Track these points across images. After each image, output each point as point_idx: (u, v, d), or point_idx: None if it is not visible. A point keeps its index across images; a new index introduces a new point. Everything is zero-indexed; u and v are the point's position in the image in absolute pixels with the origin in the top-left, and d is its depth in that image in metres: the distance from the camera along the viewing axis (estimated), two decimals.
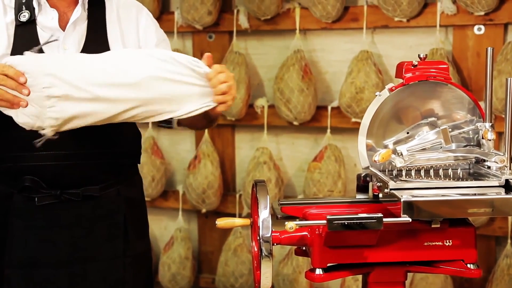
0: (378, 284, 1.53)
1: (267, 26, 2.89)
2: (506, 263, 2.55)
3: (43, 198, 1.66)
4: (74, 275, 1.68)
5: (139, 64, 1.53)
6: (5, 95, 1.49)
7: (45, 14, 1.66)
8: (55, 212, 1.67)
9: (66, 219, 1.68)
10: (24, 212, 1.68)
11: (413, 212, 1.40)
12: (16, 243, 1.68)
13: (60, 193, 1.66)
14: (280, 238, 1.51)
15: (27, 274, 1.68)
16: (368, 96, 2.61)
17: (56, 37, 1.65)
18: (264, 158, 2.87)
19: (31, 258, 1.67)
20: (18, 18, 1.65)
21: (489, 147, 1.57)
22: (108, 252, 1.71)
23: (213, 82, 1.54)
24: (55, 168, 1.64)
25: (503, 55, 2.47)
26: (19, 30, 1.65)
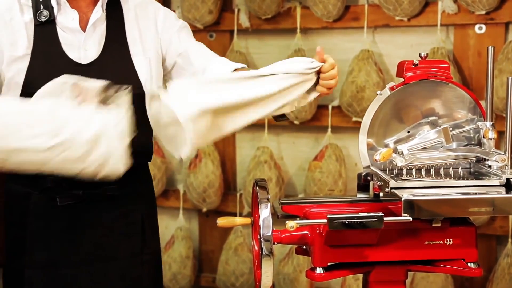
0: (378, 283, 1.53)
1: (268, 25, 2.89)
2: (507, 262, 2.55)
3: (65, 199, 1.66)
4: (95, 274, 1.69)
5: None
6: None
7: (65, 14, 1.65)
8: (76, 213, 1.68)
9: (87, 219, 1.68)
10: (44, 213, 1.68)
11: (413, 211, 1.40)
12: (36, 243, 1.68)
13: (82, 193, 1.66)
14: (281, 237, 1.51)
15: (48, 275, 1.68)
16: (369, 95, 2.61)
17: (77, 38, 1.64)
18: (264, 157, 2.87)
19: (52, 259, 1.67)
20: (37, 17, 1.62)
21: (490, 146, 1.57)
22: (127, 250, 1.72)
23: (326, 75, 1.62)
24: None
25: (504, 54, 2.47)
26: (38, 30, 1.63)
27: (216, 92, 1.51)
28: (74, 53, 1.63)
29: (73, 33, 1.64)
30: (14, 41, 1.61)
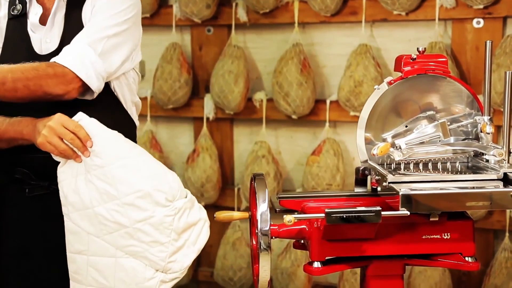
0: (376, 277, 1.53)
1: (265, 19, 2.88)
2: (504, 256, 2.55)
3: (33, 190, 1.69)
4: (66, 266, 1.68)
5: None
6: (67, 152, 1.54)
7: (32, 9, 1.70)
8: (45, 203, 1.69)
9: (56, 210, 1.68)
10: (16, 203, 1.71)
11: (411, 205, 1.40)
12: (9, 233, 1.71)
13: (48, 184, 1.68)
14: (279, 231, 1.51)
15: (20, 264, 1.71)
16: (367, 89, 2.61)
17: (39, 31, 1.68)
18: (262, 152, 2.87)
19: (23, 248, 1.70)
20: (11, 11, 1.69)
21: (488, 140, 1.57)
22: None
23: None
24: (45, 160, 1.65)
25: (502, 49, 2.47)
26: (11, 24, 1.69)
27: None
28: (38, 46, 1.69)
29: (35, 28, 1.69)
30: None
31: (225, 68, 2.85)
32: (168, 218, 1.50)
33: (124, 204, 1.50)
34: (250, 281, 2.92)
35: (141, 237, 1.50)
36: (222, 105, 2.90)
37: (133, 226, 1.50)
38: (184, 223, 1.51)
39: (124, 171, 1.51)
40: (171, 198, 1.50)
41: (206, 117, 2.98)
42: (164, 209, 1.50)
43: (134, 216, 1.49)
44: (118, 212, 1.50)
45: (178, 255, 1.53)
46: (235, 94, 2.84)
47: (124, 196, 1.50)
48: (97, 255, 1.53)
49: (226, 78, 2.84)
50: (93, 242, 1.53)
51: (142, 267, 1.51)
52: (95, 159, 1.53)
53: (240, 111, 2.92)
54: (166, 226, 1.50)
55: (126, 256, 1.52)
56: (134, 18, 1.72)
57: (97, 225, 1.52)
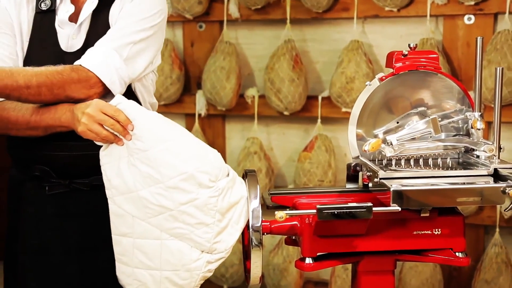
0: (367, 273, 1.54)
1: (257, 15, 2.88)
2: (495, 251, 2.57)
3: (53, 187, 1.69)
4: (84, 263, 1.70)
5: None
6: (109, 137, 1.52)
7: (63, 6, 1.70)
8: (65, 201, 1.70)
9: (75, 208, 1.70)
10: (35, 200, 1.71)
11: (402, 201, 1.40)
12: (28, 230, 1.71)
13: (69, 182, 1.68)
14: (270, 227, 1.51)
15: (38, 261, 1.71)
16: (359, 86, 2.61)
17: (69, 29, 1.68)
18: (254, 148, 2.87)
19: (42, 245, 1.70)
20: (39, 5, 1.69)
21: (478, 136, 1.58)
22: None
23: None
24: (65, 158, 1.66)
25: (492, 45, 2.48)
26: (38, 18, 1.69)
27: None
28: (64, 43, 1.69)
29: (64, 24, 1.69)
30: (20, 28, 1.68)
31: (217, 64, 2.85)
32: (213, 199, 1.48)
33: (168, 188, 1.48)
34: (242, 278, 2.92)
35: (186, 219, 1.48)
36: (214, 101, 2.89)
37: (177, 208, 1.48)
38: (228, 203, 1.49)
39: (166, 154, 1.48)
40: (214, 178, 1.48)
41: (198, 113, 2.98)
42: (208, 190, 1.48)
43: (179, 199, 1.48)
44: (162, 195, 1.48)
45: (223, 235, 1.52)
46: (227, 90, 2.84)
47: (168, 180, 1.48)
48: (142, 237, 1.51)
49: (218, 74, 2.84)
50: (138, 225, 1.51)
51: (188, 249, 1.50)
52: (137, 142, 1.50)
53: (232, 108, 2.92)
54: (210, 207, 1.48)
55: (172, 238, 1.50)
56: (161, 24, 1.72)
57: (141, 208, 1.50)
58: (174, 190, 1.48)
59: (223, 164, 1.54)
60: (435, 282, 2.64)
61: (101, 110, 1.50)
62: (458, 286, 2.76)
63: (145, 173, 1.49)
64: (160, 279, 1.51)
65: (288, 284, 2.81)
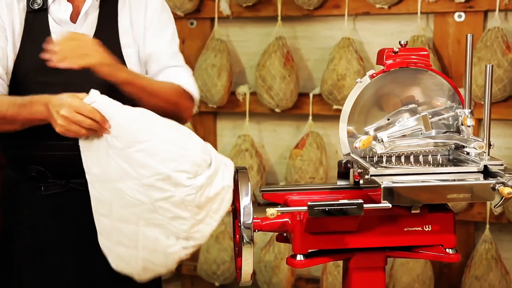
0: (358, 269, 1.54)
1: (248, 13, 2.87)
2: (485, 248, 2.58)
3: (49, 188, 1.68)
4: (81, 263, 1.70)
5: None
6: (89, 133, 1.51)
7: (58, 5, 1.68)
8: (62, 201, 1.69)
9: (72, 208, 1.69)
10: (31, 200, 1.70)
11: (393, 198, 1.41)
12: (24, 230, 1.70)
13: (65, 182, 1.68)
14: (262, 224, 1.51)
15: (36, 261, 1.70)
16: (350, 83, 2.61)
17: (67, 29, 1.67)
18: (246, 145, 2.87)
19: (39, 246, 1.69)
20: (30, 4, 1.67)
21: (468, 133, 1.58)
22: None
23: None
24: (60, 158, 1.65)
25: (483, 42, 2.49)
26: (30, 17, 1.67)
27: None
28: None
29: (64, 24, 1.68)
30: (12, 27, 1.66)
31: (208, 61, 2.84)
32: (190, 197, 1.48)
33: (144, 185, 1.48)
34: (233, 275, 2.92)
35: (163, 213, 1.48)
36: (205, 98, 2.89)
37: (154, 204, 1.48)
38: (206, 197, 1.49)
39: (143, 155, 1.48)
40: (193, 176, 1.48)
41: None
42: (185, 189, 1.47)
43: (155, 196, 1.48)
44: (138, 191, 1.48)
45: (200, 226, 1.51)
46: (218, 87, 2.84)
47: (144, 178, 1.47)
48: (120, 221, 1.51)
49: (209, 72, 2.83)
50: (116, 211, 1.51)
51: (164, 236, 1.50)
52: (114, 140, 1.49)
53: (223, 105, 2.91)
54: (187, 204, 1.48)
55: (149, 225, 1.50)
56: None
57: (118, 198, 1.50)
58: (150, 188, 1.47)
59: (205, 157, 1.52)
60: (426, 278, 2.65)
61: (76, 111, 1.48)
62: (448, 282, 2.77)
63: (123, 168, 1.48)
64: (137, 258, 1.52)
65: (279, 281, 2.81)
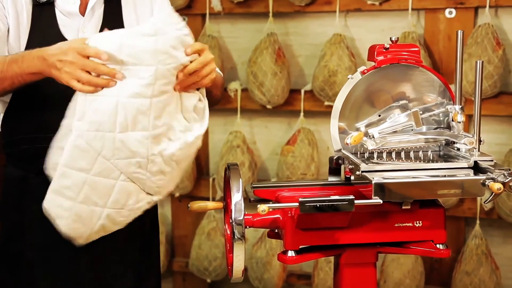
0: (349, 265, 1.54)
1: (240, 9, 2.87)
2: (475, 243, 2.60)
3: None
4: (94, 256, 1.69)
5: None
6: (101, 83, 1.43)
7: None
8: None
9: None
10: (43, 195, 1.63)
11: (384, 194, 1.41)
12: (35, 226, 1.68)
13: None
14: (253, 221, 1.51)
15: (48, 257, 1.68)
16: (341, 79, 2.61)
17: (76, 21, 1.65)
18: (237, 141, 2.86)
19: (52, 240, 1.66)
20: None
21: (459, 129, 1.59)
22: (125, 232, 1.69)
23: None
24: None
25: (473, 39, 2.50)
26: (37, 10, 1.64)
27: None
28: (71, 36, 1.64)
29: (72, 17, 1.66)
30: (17, 20, 1.62)
31: None
32: (179, 152, 1.51)
33: (152, 136, 1.47)
34: (225, 271, 2.92)
35: (150, 167, 1.49)
36: None
37: (148, 157, 1.49)
38: (185, 155, 1.54)
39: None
40: (186, 129, 1.53)
41: None
42: (177, 143, 1.51)
43: (155, 149, 1.48)
44: (142, 143, 1.47)
45: (170, 183, 1.56)
46: None
47: (157, 128, 1.48)
48: (99, 175, 1.49)
49: None
50: (100, 163, 1.48)
51: (137, 191, 1.52)
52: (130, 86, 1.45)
53: None
54: (174, 159, 1.51)
55: (128, 180, 1.50)
56: None
57: (111, 149, 1.47)
58: (156, 139, 1.48)
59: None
60: (417, 274, 2.67)
61: (80, 54, 1.42)
62: (439, 277, 2.79)
63: (135, 117, 1.45)
64: (101, 215, 1.52)
65: (271, 277, 2.82)
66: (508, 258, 2.69)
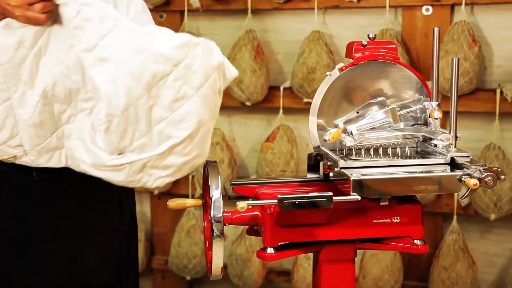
0: (328, 261, 1.55)
1: (218, 5, 2.86)
2: (452, 238, 2.63)
3: (41, 172, 1.62)
4: (72, 249, 1.67)
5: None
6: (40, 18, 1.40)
7: None
8: (53, 187, 1.65)
9: (64, 194, 1.66)
10: (20, 188, 1.64)
11: (362, 190, 1.42)
12: (10, 220, 1.65)
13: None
14: (232, 218, 1.51)
15: (23, 251, 1.66)
16: (320, 76, 2.62)
17: None
18: (216, 139, 2.86)
19: (28, 234, 1.65)
20: None
21: (436, 125, 1.60)
22: (105, 226, 1.71)
23: None
24: None
25: (449, 36, 2.52)
26: None
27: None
28: None
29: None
30: None
31: None
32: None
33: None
34: (205, 269, 2.92)
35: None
36: None
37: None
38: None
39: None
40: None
41: None
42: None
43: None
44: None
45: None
46: None
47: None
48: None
49: None
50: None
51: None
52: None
53: None
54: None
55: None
56: None
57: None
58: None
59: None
60: (395, 269, 2.69)
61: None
62: (417, 273, 2.81)
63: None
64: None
65: (251, 274, 2.82)
66: (485, 253, 2.73)
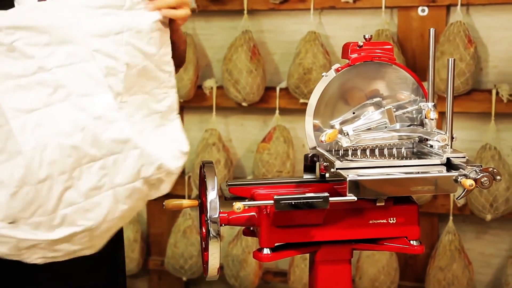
0: (325, 262, 1.55)
1: (214, 6, 2.86)
2: (448, 239, 2.63)
3: None
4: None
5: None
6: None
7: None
8: None
9: None
10: None
11: (358, 191, 1.42)
12: None
13: None
14: (228, 218, 1.51)
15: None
16: (316, 77, 2.63)
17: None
18: (213, 139, 2.86)
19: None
20: None
21: (432, 126, 1.60)
22: None
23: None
24: None
25: (445, 37, 2.53)
26: None
27: None
28: (29, 3, 1.56)
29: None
30: None
31: None
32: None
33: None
34: (201, 269, 2.91)
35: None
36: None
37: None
38: None
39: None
40: None
41: None
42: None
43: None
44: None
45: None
46: (184, 81, 2.82)
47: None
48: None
49: None
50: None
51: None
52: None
53: (190, 99, 2.90)
54: None
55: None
56: None
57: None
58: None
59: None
60: (391, 270, 2.69)
61: None
62: (413, 273, 2.82)
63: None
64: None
65: (247, 274, 2.82)
66: (480, 254, 2.73)
